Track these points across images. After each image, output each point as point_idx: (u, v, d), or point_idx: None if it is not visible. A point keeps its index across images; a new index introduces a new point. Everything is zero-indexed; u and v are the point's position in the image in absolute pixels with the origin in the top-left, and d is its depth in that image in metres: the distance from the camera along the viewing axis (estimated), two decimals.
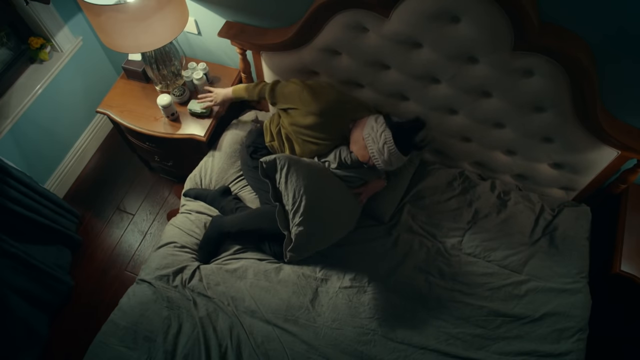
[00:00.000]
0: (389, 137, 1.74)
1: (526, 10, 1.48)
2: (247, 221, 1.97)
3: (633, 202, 2.02)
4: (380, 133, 1.76)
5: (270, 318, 1.83)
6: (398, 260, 1.97)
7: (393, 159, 1.77)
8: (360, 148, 1.83)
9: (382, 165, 1.79)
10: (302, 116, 1.87)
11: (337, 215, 1.90)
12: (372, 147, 1.78)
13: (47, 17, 2.36)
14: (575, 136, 1.83)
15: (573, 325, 1.78)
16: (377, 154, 1.77)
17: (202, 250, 2.01)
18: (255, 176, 2.01)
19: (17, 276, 2.15)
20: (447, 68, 1.80)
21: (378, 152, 1.77)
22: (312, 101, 1.83)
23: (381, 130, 1.76)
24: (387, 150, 1.75)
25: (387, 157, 1.76)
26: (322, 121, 1.85)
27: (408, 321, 1.83)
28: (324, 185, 1.86)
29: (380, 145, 1.75)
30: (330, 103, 1.84)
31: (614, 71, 1.65)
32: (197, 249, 2.02)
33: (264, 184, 1.90)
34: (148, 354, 1.76)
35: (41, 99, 2.49)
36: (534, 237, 2.01)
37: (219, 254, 2.02)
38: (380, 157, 1.77)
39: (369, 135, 1.79)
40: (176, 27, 1.98)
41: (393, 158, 1.76)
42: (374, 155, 1.78)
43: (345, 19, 1.79)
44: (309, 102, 1.84)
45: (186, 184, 2.25)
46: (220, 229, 1.98)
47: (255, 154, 2.07)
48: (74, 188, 2.91)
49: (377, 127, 1.78)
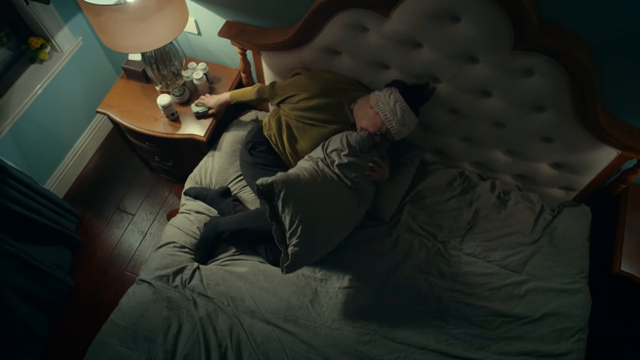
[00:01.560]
0: (398, 95, 1.80)
1: (526, 9, 1.48)
2: (242, 221, 1.97)
3: (633, 202, 2.02)
4: (389, 95, 1.81)
5: (270, 318, 1.83)
6: (398, 261, 1.97)
7: (406, 117, 1.81)
8: (371, 117, 1.84)
9: (396, 127, 1.81)
10: (305, 100, 1.92)
11: (336, 229, 1.84)
12: (384, 109, 1.80)
13: (47, 17, 2.36)
14: (575, 136, 1.83)
15: (573, 325, 1.78)
16: (390, 114, 1.80)
17: (198, 250, 2.01)
18: (253, 174, 2.02)
19: (17, 276, 2.15)
20: (447, 68, 1.80)
21: (391, 113, 1.80)
22: (311, 84, 1.92)
23: (388, 93, 1.82)
24: (399, 108, 1.79)
25: (400, 116, 1.80)
26: (324, 101, 1.91)
27: (408, 321, 1.83)
28: (322, 206, 1.76)
29: (392, 105, 1.79)
30: (328, 82, 1.93)
31: (613, 71, 1.65)
32: (194, 250, 2.03)
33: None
34: (148, 354, 1.76)
35: (41, 99, 2.49)
36: (533, 237, 2.01)
37: (216, 255, 2.02)
38: (394, 117, 1.80)
39: (378, 100, 1.82)
40: (176, 27, 1.98)
41: (406, 116, 1.81)
42: (387, 117, 1.80)
43: (346, 18, 1.79)
44: (309, 85, 1.92)
45: (186, 184, 2.25)
46: (216, 228, 1.99)
47: (254, 150, 2.08)
48: (74, 188, 2.91)
49: (384, 92, 1.84)
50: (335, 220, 1.82)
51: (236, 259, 2.00)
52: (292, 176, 1.73)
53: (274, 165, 2.05)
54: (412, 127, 1.87)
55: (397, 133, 1.85)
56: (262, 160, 2.05)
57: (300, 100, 1.93)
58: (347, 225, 1.89)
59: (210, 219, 2.06)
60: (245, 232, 1.96)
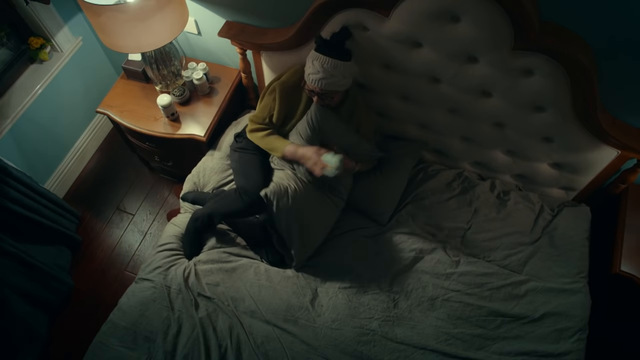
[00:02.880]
0: (313, 51, 1.77)
1: (526, 9, 1.48)
2: (209, 205, 2.02)
3: (633, 202, 2.02)
4: (309, 56, 1.79)
5: (270, 318, 1.83)
6: (398, 261, 1.96)
7: (325, 65, 1.72)
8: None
9: (314, 76, 1.75)
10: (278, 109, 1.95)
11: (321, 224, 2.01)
12: (305, 69, 1.79)
13: (47, 17, 2.36)
14: (575, 136, 1.83)
15: (573, 325, 1.78)
16: (308, 69, 1.77)
17: (184, 245, 2.04)
18: (234, 157, 2.10)
19: (17, 276, 2.15)
20: (447, 68, 1.80)
21: (309, 68, 1.77)
22: (269, 95, 1.96)
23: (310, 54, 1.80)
24: (311, 58, 1.76)
25: (318, 66, 1.73)
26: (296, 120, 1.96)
27: (408, 321, 1.83)
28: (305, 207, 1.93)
29: (309, 62, 1.77)
30: (281, 82, 1.93)
31: (613, 71, 1.65)
32: (181, 246, 2.04)
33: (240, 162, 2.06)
34: (148, 354, 1.76)
35: (41, 99, 2.49)
36: (533, 237, 2.01)
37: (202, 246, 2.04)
38: (311, 69, 1.75)
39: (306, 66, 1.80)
40: (176, 27, 1.98)
41: (323, 63, 1.72)
42: (307, 74, 1.78)
43: (345, 18, 1.79)
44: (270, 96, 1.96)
45: (185, 184, 2.24)
46: (194, 217, 2.02)
47: (238, 138, 2.15)
48: (74, 188, 2.91)
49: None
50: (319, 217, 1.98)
51: (235, 258, 2.00)
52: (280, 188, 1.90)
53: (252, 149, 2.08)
54: (337, 72, 1.74)
55: (324, 83, 1.74)
56: (243, 145, 2.10)
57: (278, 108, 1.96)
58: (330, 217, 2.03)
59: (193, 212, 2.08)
60: (212, 216, 1.98)
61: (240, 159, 2.08)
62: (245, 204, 1.91)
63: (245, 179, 2.00)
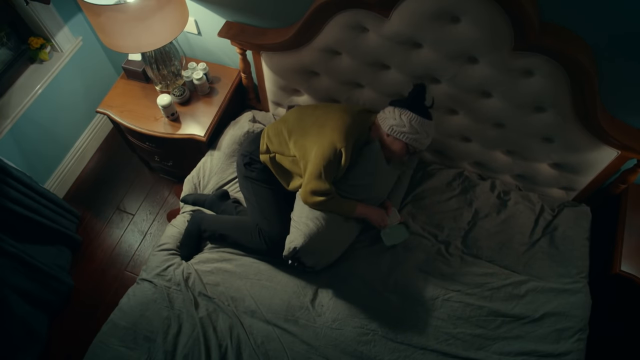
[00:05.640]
0: (406, 112, 1.78)
1: (526, 10, 1.48)
2: (225, 227, 1.99)
3: (633, 202, 2.02)
4: (398, 116, 1.79)
5: (270, 318, 1.83)
6: (398, 261, 1.97)
7: (426, 127, 1.80)
8: (391, 144, 1.84)
9: (417, 138, 1.79)
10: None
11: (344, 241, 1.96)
12: (402, 131, 1.79)
13: (47, 17, 2.36)
14: (575, 136, 1.83)
15: (573, 325, 1.78)
16: (410, 134, 1.79)
17: (183, 246, 2.03)
18: (246, 185, 2.00)
19: (17, 276, 2.15)
20: (447, 68, 1.80)
21: (411, 131, 1.78)
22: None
23: (397, 114, 1.79)
24: (415, 124, 1.78)
25: (420, 129, 1.79)
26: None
27: (408, 321, 1.83)
28: (330, 240, 1.87)
29: (407, 125, 1.78)
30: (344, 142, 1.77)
31: (613, 71, 1.65)
32: (179, 246, 2.04)
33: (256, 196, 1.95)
34: (148, 354, 1.76)
35: (41, 99, 2.49)
36: (534, 237, 2.01)
37: (200, 249, 2.04)
38: (415, 134, 1.79)
39: (391, 127, 1.80)
40: (176, 27, 1.98)
41: (425, 126, 1.80)
42: (409, 137, 1.79)
43: (345, 19, 1.79)
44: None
45: (185, 185, 2.24)
46: (199, 225, 2.00)
47: (249, 166, 1.99)
48: (74, 188, 2.91)
49: (389, 115, 1.81)
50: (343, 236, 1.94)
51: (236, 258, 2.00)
52: (309, 235, 1.78)
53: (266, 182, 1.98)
54: (431, 132, 1.85)
55: (420, 142, 1.83)
56: (255, 175, 1.98)
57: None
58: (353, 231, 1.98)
59: (194, 214, 2.07)
60: (225, 237, 1.99)
61: (253, 190, 1.97)
62: (267, 246, 1.91)
63: (263, 218, 1.92)
